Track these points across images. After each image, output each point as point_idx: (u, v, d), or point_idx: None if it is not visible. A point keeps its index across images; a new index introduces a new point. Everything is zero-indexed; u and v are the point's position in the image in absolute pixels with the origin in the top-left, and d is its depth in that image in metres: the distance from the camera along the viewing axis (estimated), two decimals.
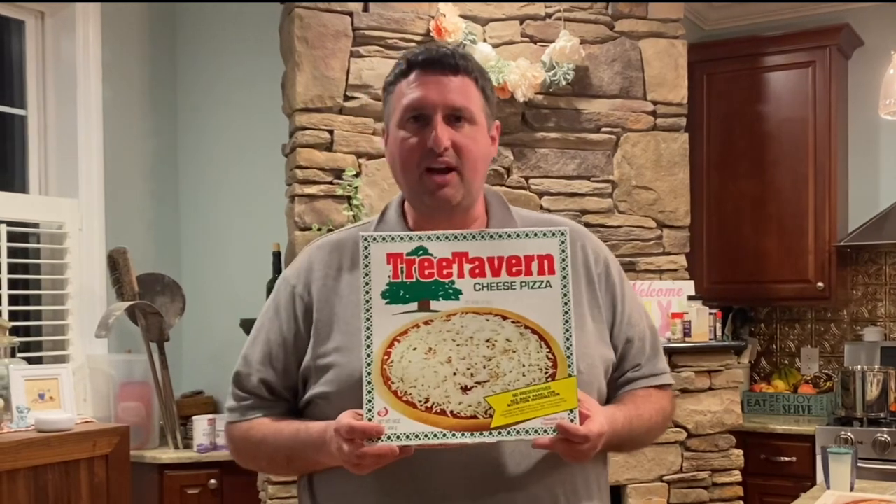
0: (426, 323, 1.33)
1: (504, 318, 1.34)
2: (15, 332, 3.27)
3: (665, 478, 3.61)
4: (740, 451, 3.74)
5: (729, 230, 4.44)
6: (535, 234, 1.38)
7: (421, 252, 1.36)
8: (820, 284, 4.23)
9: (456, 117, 1.47)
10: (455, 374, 1.31)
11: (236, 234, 3.91)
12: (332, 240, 1.59)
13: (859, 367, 4.06)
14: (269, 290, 3.43)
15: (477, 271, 1.36)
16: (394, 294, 1.34)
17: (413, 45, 3.50)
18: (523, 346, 1.33)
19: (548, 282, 1.36)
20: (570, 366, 1.33)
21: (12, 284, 3.37)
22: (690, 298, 3.75)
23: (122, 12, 3.75)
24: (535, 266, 1.36)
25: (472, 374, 1.31)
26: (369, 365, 1.31)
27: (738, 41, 4.49)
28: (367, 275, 1.35)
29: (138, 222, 3.82)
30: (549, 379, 1.31)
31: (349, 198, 3.36)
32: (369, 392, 1.30)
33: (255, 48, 3.84)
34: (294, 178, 3.39)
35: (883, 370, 3.98)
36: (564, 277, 1.36)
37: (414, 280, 1.35)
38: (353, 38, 3.46)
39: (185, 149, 3.99)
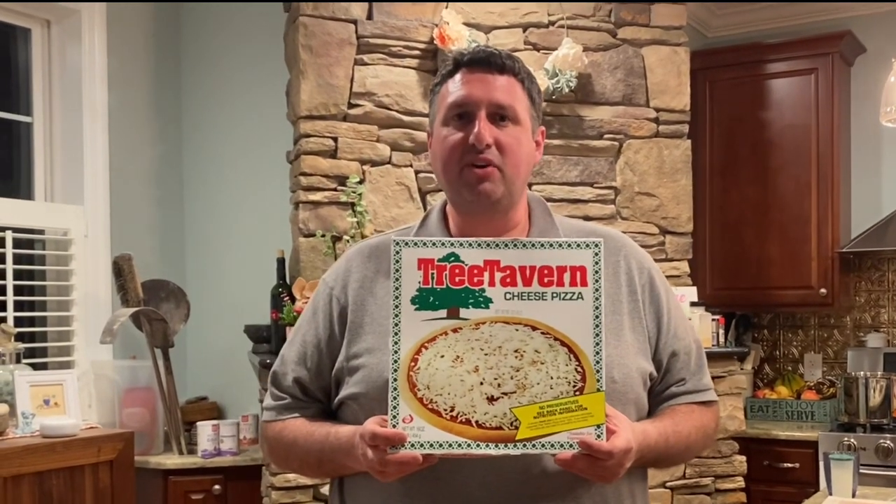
0: (455, 331, 1.32)
1: (534, 328, 1.33)
2: (20, 338, 3.28)
3: (668, 484, 3.62)
4: (743, 458, 3.74)
5: (732, 236, 4.45)
6: (569, 245, 1.36)
7: (452, 258, 1.35)
8: (823, 291, 4.24)
9: (500, 116, 1.46)
10: (482, 383, 1.30)
11: (240, 241, 3.93)
12: (371, 244, 1.59)
13: (862, 373, 4.06)
14: (274, 296, 3.47)
15: (508, 280, 1.34)
16: (423, 300, 1.33)
17: (417, 53, 3.52)
18: (552, 357, 1.31)
19: (580, 293, 1.34)
20: (599, 380, 1.31)
21: (18, 290, 3.39)
22: (693, 304, 3.76)
23: (128, 20, 3.77)
24: (567, 277, 1.34)
25: (499, 385, 1.30)
26: (395, 371, 1.31)
27: (740, 48, 4.51)
28: (397, 279, 1.34)
29: (143, 229, 3.84)
30: (577, 392, 1.30)
31: (353, 204, 3.38)
32: (395, 398, 1.30)
33: (260, 56, 3.85)
34: (298, 185, 3.41)
35: (886, 376, 3.98)
36: (597, 290, 1.34)
37: (444, 287, 1.34)
38: (357, 46, 3.47)
39: (189, 156, 4.01)
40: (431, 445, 1.28)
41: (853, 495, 2.47)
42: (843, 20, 4.44)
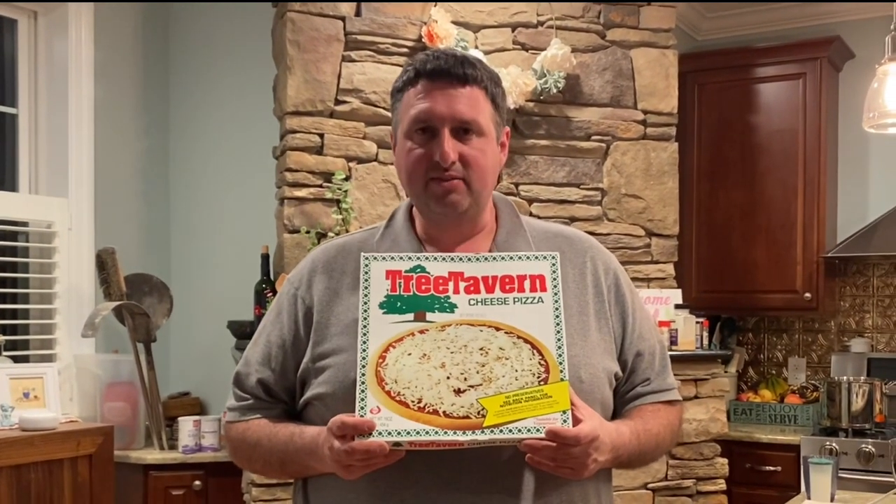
0: (421, 332, 1.36)
1: (497, 329, 1.37)
2: (2, 330, 3.27)
3: (650, 485, 3.62)
4: (725, 460, 3.74)
5: (718, 240, 4.46)
6: (528, 258, 1.43)
7: (419, 270, 1.40)
8: (808, 295, 4.25)
9: (464, 130, 1.46)
10: (449, 377, 1.33)
11: (225, 236, 3.92)
12: (337, 244, 1.59)
13: (845, 377, 4.07)
14: (258, 292, 3.46)
15: (472, 289, 1.40)
16: (391, 305, 1.38)
17: (405, 50, 3.51)
18: (516, 353, 1.35)
19: (540, 298, 1.39)
20: (562, 370, 1.34)
21: (0, 283, 3.37)
22: (678, 307, 3.76)
23: (115, 13, 3.75)
24: (527, 284, 1.40)
25: (465, 379, 1.33)
26: (364, 367, 1.33)
27: (729, 52, 4.52)
28: (366, 289, 1.38)
29: (128, 223, 3.82)
30: (542, 383, 1.33)
31: (338, 201, 3.37)
32: (363, 391, 1.32)
33: (247, 51, 3.84)
34: (284, 181, 3.40)
35: (869, 381, 4.00)
36: (556, 294, 1.40)
37: (411, 293, 1.39)
38: (345, 43, 3.46)
39: (175, 150, 4.00)
40: (399, 433, 1.28)
41: (832, 499, 2.48)
42: (832, 25, 4.46)
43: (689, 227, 4.34)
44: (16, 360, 3.32)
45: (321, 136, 3.43)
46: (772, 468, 4.00)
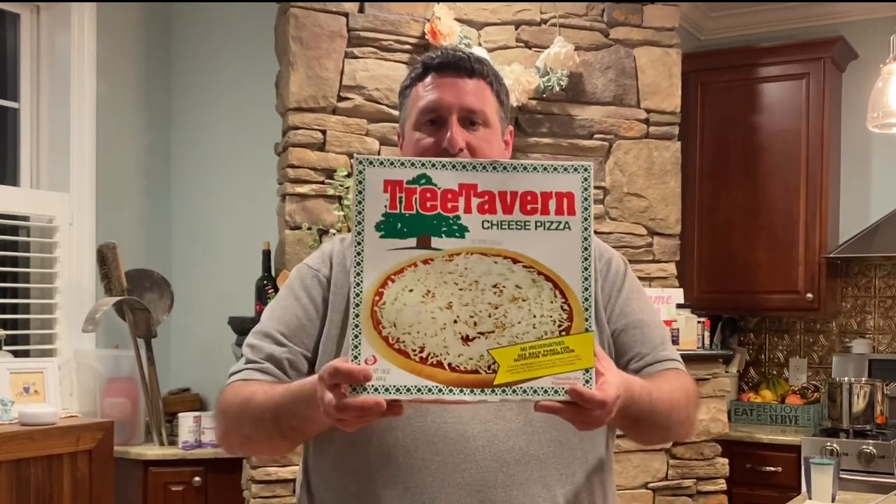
0: (425, 262, 1.17)
1: (515, 261, 1.18)
2: (2, 324, 3.27)
3: (650, 485, 3.62)
4: (725, 460, 3.74)
5: (720, 239, 4.45)
6: (555, 169, 1.21)
7: (423, 180, 1.19)
8: (809, 295, 4.24)
9: (471, 120, 1.48)
10: (456, 321, 1.15)
11: (227, 232, 3.91)
12: (349, 238, 1.58)
13: (847, 378, 4.07)
14: (259, 288, 3.45)
15: (486, 207, 1.19)
16: (390, 227, 1.18)
17: (408, 47, 3.51)
18: (535, 294, 1.17)
19: (567, 223, 1.19)
20: (587, 319, 1.16)
21: (1, 277, 3.37)
22: (679, 306, 3.76)
23: (118, 8, 3.74)
24: (552, 204, 1.19)
25: (475, 323, 1.16)
26: (357, 306, 1.16)
27: (733, 51, 4.51)
28: (360, 202, 1.18)
29: (129, 218, 3.82)
30: (563, 333, 1.15)
31: (340, 198, 3.36)
32: (356, 337, 1.15)
33: (250, 46, 3.84)
34: (285, 178, 3.39)
35: (870, 382, 3.99)
36: (586, 219, 1.19)
37: (414, 212, 1.18)
38: (348, 39, 3.46)
39: (177, 145, 3.99)
40: (398, 390, 1.13)
41: (833, 500, 2.47)
42: (835, 26, 4.45)
43: (691, 226, 4.33)
44: (16, 354, 3.31)
45: (323, 132, 3.42)
46: (772, 468, 4.00)
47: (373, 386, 1.13)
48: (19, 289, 3.50)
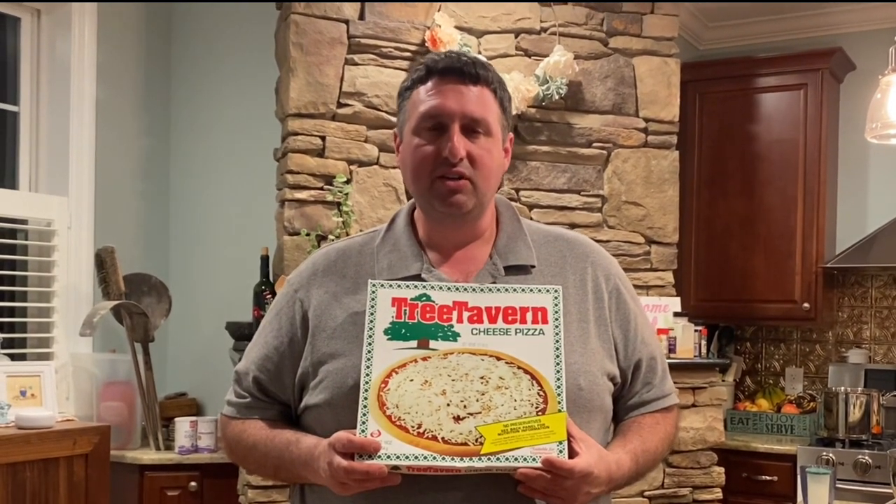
0: (424, 359, 1.39)
1: (498, 358, 1.39)
2: None
3: (646, 493, 3.62)
4: (722, 469, 3.74)
5: (717, 248, 4.46)
6: (531, 290, 1.45)
7: (424, 298, 1.43)
8: (806, 305, 4.25)
9: (473, 129, 1.46)
10: (449, 404, 1.35)
11: (225, 237, 3.91)
12: (338, 247, 1.59)
13: (843, 388, 4.07)
14: (257, 294, 3.45)
15: (475, 318, 1.42)
16: (396, 332, 1.40)
17: (408, 54, 3.51)
18: (515, 383, 1.37)
19: (541, 330, 1.42)
20: (560, 402, 1.36)
21: None
22: (676, 315, 3.76)
23: (118, 12, 3.75)
24: (529, 316, 1.43)
25: (465, 406, 1.35)
26: (367, 390, 1.36)
27: (731, 61, 4.53)
28: (372, 314, 1.41)
29: (127, 222, 3.82)
30: (540, 413, 1.35)
31: (339, 204, 3.37)
32: (364, 414, 1.34)
33: (250, 52, 3.84)
34: (284, 183, 3.40)
35: (866, 392, 4.00)
36: (557, 327, 1.42)
37: (416, 321, 1.41)
38: (349, 46, 3.46)
39: (176, 150, 3.99)
40: (398, 457, 1.31)
41: None
42: (834, 37, 4.47)
43: (688, 235, 4.35)
44: (13, 357, 3.31)
45: (323, 138, 3.42)
46: (768, 478, 4.00)
47: (378, 454, 1.31)
48: (17, 292, 3.50)
